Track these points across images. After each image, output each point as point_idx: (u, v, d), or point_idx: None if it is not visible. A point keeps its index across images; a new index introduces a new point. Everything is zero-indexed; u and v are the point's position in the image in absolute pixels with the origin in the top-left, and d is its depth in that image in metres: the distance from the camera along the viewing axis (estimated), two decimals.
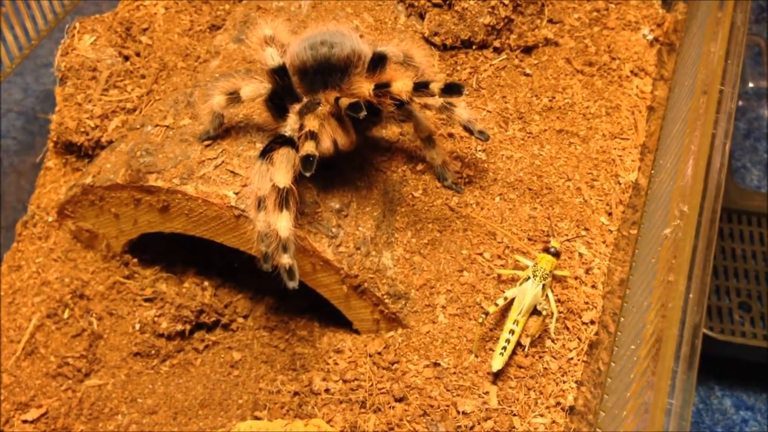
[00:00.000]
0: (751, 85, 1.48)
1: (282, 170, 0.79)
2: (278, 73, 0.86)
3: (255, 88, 0.86)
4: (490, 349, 0.85)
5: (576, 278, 0.90)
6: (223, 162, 0.89)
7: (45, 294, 0.98)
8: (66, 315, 0.98)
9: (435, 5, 1.07)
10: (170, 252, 1.03)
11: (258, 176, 0.80)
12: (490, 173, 0.98)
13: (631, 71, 1.13)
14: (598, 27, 1.18)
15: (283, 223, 0.78)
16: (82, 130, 1.00)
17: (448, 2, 1.06)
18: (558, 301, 0.86)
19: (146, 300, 1.00)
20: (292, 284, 0.80)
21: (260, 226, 0.80)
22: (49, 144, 1.06)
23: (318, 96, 0.85)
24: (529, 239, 0.93)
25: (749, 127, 1.47)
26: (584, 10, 1.19)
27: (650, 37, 1.19)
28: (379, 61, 0.86)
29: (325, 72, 0.87)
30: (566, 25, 1.16)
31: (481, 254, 0.92)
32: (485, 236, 0.93)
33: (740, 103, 1.48)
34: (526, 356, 0.84)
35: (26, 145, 1.20)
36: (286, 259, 0.79)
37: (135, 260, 1.01)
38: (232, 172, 0.88)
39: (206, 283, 1.01)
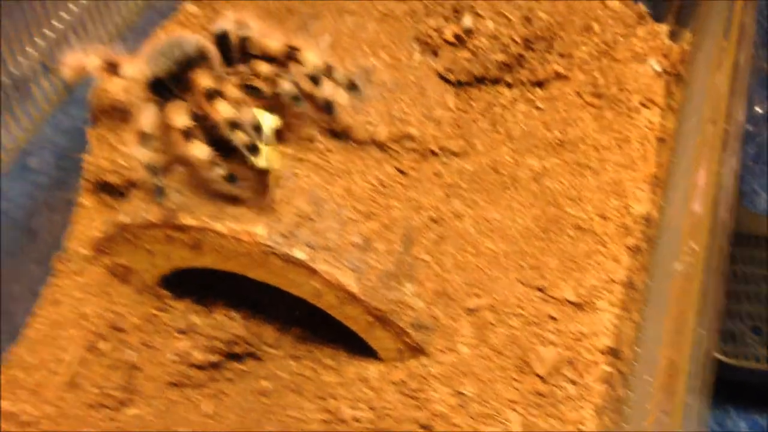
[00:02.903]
0: (758, 110, 1.52)
1: None
2: None
3: None
4: None
5: (592, 306, 0.94)
6: (251, 200, 0.93)
7: (83, 327, 1.03)
8: (103, 347, 1.02)
9: (448, 43, 1.11)
10: (201, 285, 1.07)
11: None
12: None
13: (640, 103, 1.16)
14: (606, 59, 1.21)
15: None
16: (116, 170, 1.04)
17: (461, 40, 1.11)
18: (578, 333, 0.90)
19: (179, 332, 1.04)
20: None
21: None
22: (84, 183, 1.11)
23: None
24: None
25: (758, 151, 1.51)
26: (592, 43, 1.23)
27: (658, 68, 1.22)
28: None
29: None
30: (575, 58, 1.20)
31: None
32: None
33: (749, 127, 1.51)
34: (546, 383, 0.88)
35: (58, 181, 1.24)
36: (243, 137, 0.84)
37: (167, 293, 1.06)
38: (260, 209, 0.92)
39: (235, 315, 1.06)
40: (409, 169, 1.00)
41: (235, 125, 0.83)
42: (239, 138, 0.83)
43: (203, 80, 0.85)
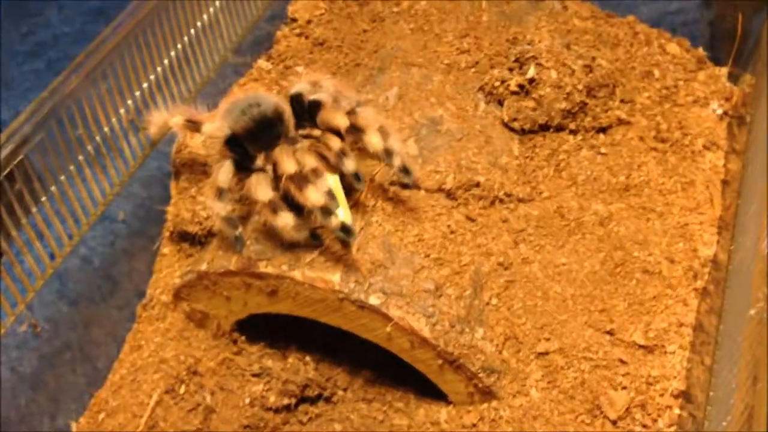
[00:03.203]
0: None
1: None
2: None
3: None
4: None
5: (662, 350, 0.95)
6: (326, 248, 0.97)
7: (163, 371, 1.07)
8: (182, 390, 1.06)
9: (513, 93, 1.14)
10: (274, 328, 1.11)
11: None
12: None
13: (704, 146, 1.18)
14: (668, 104, 1.24)
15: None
16: (196, 220, 1.09)
17: (525, 90, 1.13)
18: (648, 376, 0.91)
19: (254, 375, 1.08)
20: (352, 240, 0.89)
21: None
22: (165, 233, 1.17)
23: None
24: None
25: None
26: (654, 89, 1.25)
27: (719, 111, 1.24)
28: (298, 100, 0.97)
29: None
30: (637, 104, 1.22)
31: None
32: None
33: None
34: (617, 427, 0.89)
35: (136, 230, 1.29)
36: (336, 220, 0.87)
37: (242, 338, 1.10)
38: (334, 257, 0.96)
39: (308, 358, 1.09)
40: (477, 215, 1.03)
41: (327, 211, 0.87)
42: (332, 223, 0.88)
43: (287, 165, 0.89)
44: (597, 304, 1.00)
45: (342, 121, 0.92)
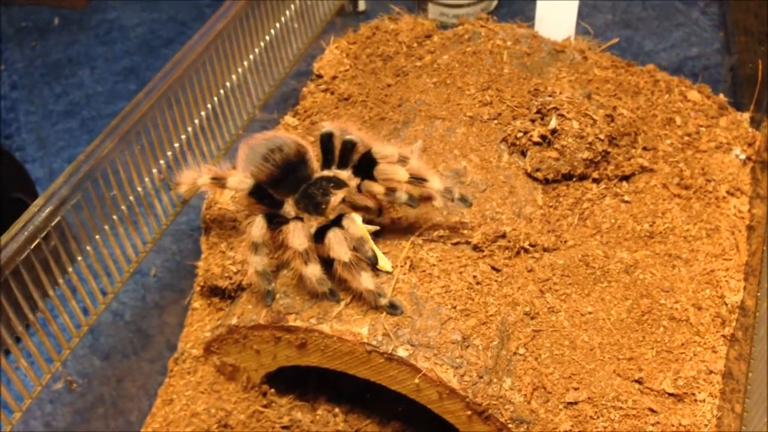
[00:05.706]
0: None
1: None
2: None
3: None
4: None
5: (692, 398, 0.94)
6: (352, 300, 0.98)
7: (194, 425, 1.08)
8: None
9: (535, 144, 1.16)
10: (303, 380, 1.12)
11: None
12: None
13: (727, 191, 1.18)
14: (690, 151, 1.24)
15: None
16: (226, 275, 1.11)
17: (547, 141, 1.15)
18: (679, 425, 0.90)
19: (283, 428, 1.09)
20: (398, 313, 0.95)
21: None
22: (196, 287, 1.19)
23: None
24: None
25: None
26: (676, 136, 1.26)
27: (742, 156, 1.25)
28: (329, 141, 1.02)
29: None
30: (660, 151, 1.23)
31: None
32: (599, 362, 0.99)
33: None
34: None
35: (166, 284, 1.32)
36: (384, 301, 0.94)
37: (272, 390, 1.11)
38: (362, 310, 0.97)
39: (337, 410, 1.10)
40: (502, 266, 1.03)
41: (378, 295, 0.94)
42: (381, 303, 0.94)
43: (342, 254, 0.92)
44: (625, 352, 1.00)
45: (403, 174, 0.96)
